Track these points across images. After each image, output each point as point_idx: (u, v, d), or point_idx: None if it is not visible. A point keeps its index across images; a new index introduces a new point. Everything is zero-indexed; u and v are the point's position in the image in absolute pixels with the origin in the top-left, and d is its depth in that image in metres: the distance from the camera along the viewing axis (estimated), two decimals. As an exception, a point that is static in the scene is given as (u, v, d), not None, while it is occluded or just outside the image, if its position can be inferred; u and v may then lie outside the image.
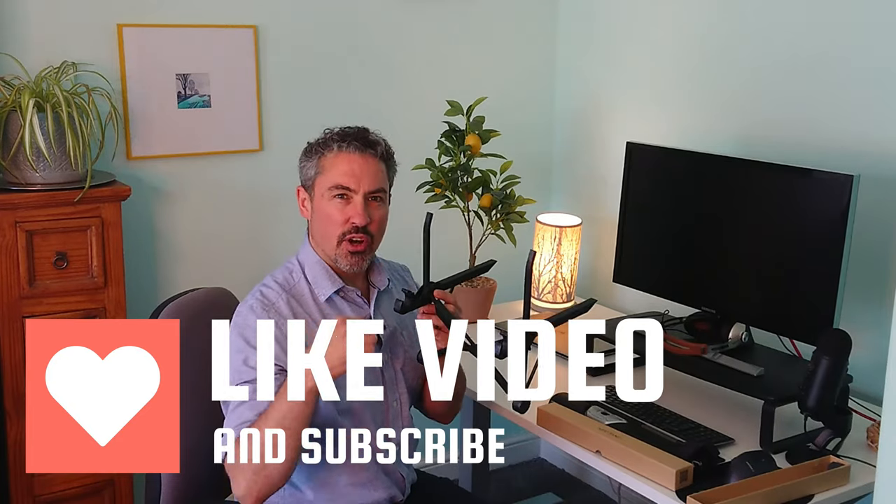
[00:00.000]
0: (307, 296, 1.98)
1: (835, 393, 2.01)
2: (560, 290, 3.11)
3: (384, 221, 2.02)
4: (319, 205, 1.98)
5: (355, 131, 2.00)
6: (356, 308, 2.04)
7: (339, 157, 1.96)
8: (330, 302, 2.00)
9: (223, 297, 2.22)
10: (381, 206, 2.00)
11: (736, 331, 2.35)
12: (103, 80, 2.55)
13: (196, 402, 2.06)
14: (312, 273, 2.00)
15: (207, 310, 2.12)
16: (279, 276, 2.00)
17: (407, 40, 3.11)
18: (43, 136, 2.31)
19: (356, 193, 1.95)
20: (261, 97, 2.88)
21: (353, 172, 1.95)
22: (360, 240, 1.97)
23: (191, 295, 2.19)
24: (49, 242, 2.37)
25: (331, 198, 1.96)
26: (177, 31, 2.71)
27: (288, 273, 2.01)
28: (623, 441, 2.04)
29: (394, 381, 2.06)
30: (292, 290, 1.97)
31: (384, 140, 2.03)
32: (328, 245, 1.99)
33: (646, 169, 2.65)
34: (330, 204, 1.96)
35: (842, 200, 2.11)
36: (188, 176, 2.80)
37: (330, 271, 2.01)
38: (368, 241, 1.98)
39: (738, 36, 2.73)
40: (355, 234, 1.96)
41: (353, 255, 1.97)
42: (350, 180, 1.95)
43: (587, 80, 3.30)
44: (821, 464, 1.96)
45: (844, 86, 2.45)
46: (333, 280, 2.00)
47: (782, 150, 2.57)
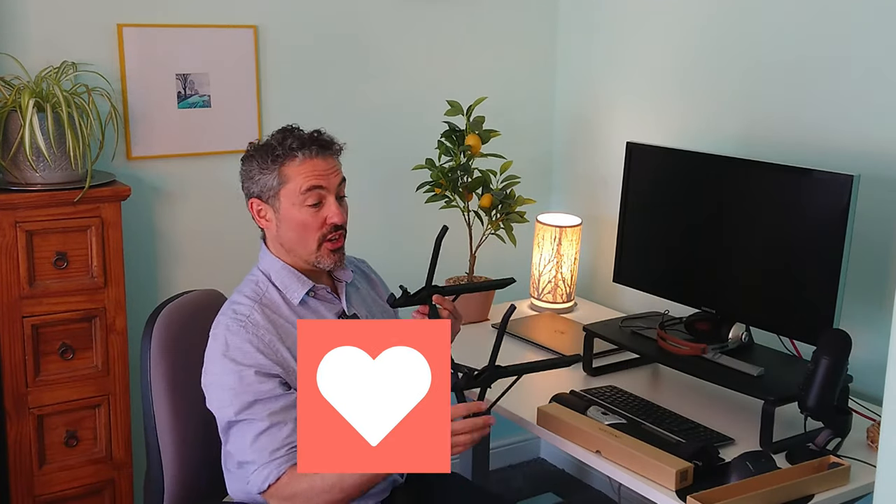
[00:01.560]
0: (279, 302, 2.00)
1: (835, 393, 2.01)
2: (560, 291, 3.12)
3: (347, 213, 2.06)
4: (289, 214, 1.98)
5: (310, 136, 2.00)
6: (329, 305, 2.07)
7: (305, 164, 1.97)
8: (303, 304, 2.02)
9: (215, 299, 2.22)
10: (344, 199, 2.06)
11: (736, 331, 2.36)
12: (103, 80, 2.55)
13: (189, 403, 2.09)
14: (280, 279, 2.02)
15: (202, 312, 2.14)
16: (246, 289, 2.01)
17: (407, 40, 3.12)
18: (43, 136, 2.31)
19: (329, 194, 1.99)
20: (261, 97, 2.88)
21: (320, 176, 1.97)
22: (337, 237, 2.01)
23: (186, 297, 2.20)
24: (49, 242, 2.38)
25: (303, 204, 1.97)
26: (177, 30, 2.72)
27: (254, 285, 2.02)
28: (623, 441, 2.05)
29: None
30: (262, 299, 1.99)
31: (332, 136, 2.05)
32: (305, 250, 2.00)
33: (646, 169, 2.65)
34: (303, 211, 1.98)
35: (842, 200, 2.11)
36: (188, 176, 2.81)
37: (298, 274, 2.03)
38: (343, 235, 2.03)
39: (738, 35, 2.74)
40: (333, 232, 2.00)
41: (334, 253, 2.02)
42: (322, 182, 1.98)
43: (587, 79, 3.31)
44: (821, 464, 1.97)
45: (845, 85, 2.46)
46: (303, 282, 2.03)
47: (783, 149, 2.58)
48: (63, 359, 2.44)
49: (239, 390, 1.87)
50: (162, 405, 2.07)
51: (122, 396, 2.51)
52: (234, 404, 1.87)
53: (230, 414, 1.88)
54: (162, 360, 2.08)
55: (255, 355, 1.89)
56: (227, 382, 1.89)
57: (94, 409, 2.50)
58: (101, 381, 2.49)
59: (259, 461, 1.86)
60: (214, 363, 1.92)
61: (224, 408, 1.90)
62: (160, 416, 2.07)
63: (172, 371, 2.09)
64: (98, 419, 2.51)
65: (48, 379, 2.43)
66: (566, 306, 3.15)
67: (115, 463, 2.54)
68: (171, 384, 2.08)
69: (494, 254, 2.93)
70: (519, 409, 2.31)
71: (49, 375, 2.43)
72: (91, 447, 2.52)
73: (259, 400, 1.87)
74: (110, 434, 2.52)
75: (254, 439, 1.86)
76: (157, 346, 2.07)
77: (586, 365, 2.55)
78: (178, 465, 2.09)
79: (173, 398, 2.08)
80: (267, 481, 1.85)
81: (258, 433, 1.86)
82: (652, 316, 2.58)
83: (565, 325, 2.95)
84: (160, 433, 2.07)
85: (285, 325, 1.97)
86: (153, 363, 2.07)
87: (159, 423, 2.07)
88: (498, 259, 2.73)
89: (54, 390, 2.44)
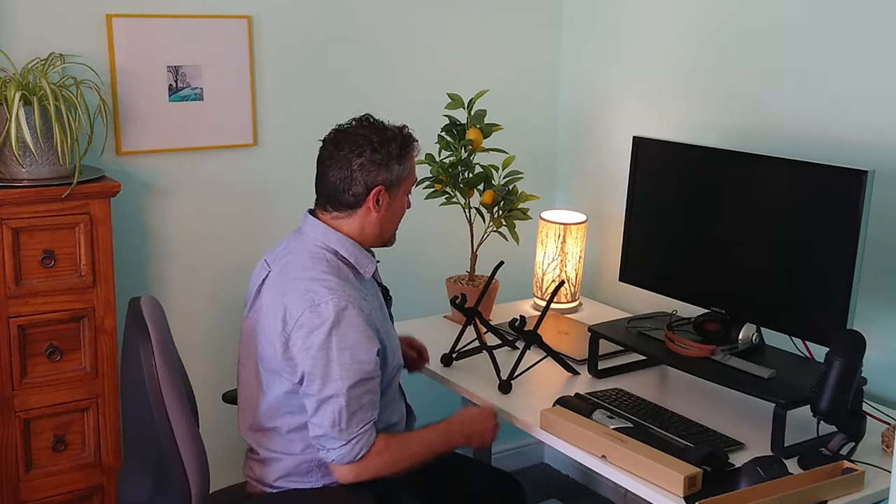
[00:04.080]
0: (352, 277, 2.12)
1: (848, 396, 2.00)
2: (564, 290, 3.11)
3: None
4: (401, 202, 2.19)
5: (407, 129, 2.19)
6: (374, 285, 2.24)
7: (414, 156, 2.18)
8: (370, 278, 2.19)
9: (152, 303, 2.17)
10: None
11: (746, 332, 2.35)
12: (92, 73, 2.55)
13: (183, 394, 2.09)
14: (352, 255, 2.14)
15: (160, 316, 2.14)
16: (320, 266, 2.09)
17: (406, 31, 3.11)
18: (30, 130, 2.31)
19: None
20: (255, 90, 2.88)
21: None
22: None
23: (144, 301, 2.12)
24: (36, 240, 2.38)
25: (406, 193, 2.19)
26: (168, 21, 2.71)
27: (325, 262, 2.10)
28: (629, 445, 2.04)
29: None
30: (340, 274, 2.10)
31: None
32: (389, 234, 2.21)
33: (653, 164, 2.65)
34: (405, 199, 2.20)
35: (855, 196, 2.11)
36: (180, 171, 2.81)
37: (366, 251, 2.19)
38: None
39: (747, 26, 2.73)
40: None
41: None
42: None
43: (592, 71, 3.30)
44: (834, 469, 1.96)
45: (858, 77, 2.45)
46: (371, 258, 2.20)
47: (794, 144, 2.57)
48: (50, 360, 2.44)
49: (350, 366, 2.00)
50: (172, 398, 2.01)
51: (112, 399, 2.51)
52: (344, 379, 2.00)
53: (332, 389, 2.00)
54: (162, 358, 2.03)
55: (367, 329, 2.03)
56: (335, 357, 2.00)
57: (82, 413, 2.50)
58: (89, 383, 2.49)
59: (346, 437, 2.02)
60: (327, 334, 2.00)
61: (327, 381, 2.00)
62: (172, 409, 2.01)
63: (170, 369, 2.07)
64: (86, 423, 2.51)
65: (35, 381, 2.43)
66: (571, 306, 3.14)
67: (104, 468, 2.54)
68: (174, 383, 2.05)
69: (496, 252, 2.92)
70: (522, 412, 2.31)
71: (36, 378, 2.43)
72: (79, 452, 2.52)
73: (363, 379, 2.02)
74: (99, 438, 2.52)
75: (350, 415, 2.01)
76: (157, 343, 2.02)
77: (591, 367, 2.55)
78: (196, 456, 2.05)
79: (175, 389, 2.03)
80: (358, 453, 2.03)
81: (355, 410, 2.02)
82: (659, 316, 2.58)
83: (570, 326, 2.94)
84: (177, 434, 2.01)
85: (365, 300, 2.10)
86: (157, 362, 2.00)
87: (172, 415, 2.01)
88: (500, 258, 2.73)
89: (41, 393, 2.44)
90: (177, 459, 2.04)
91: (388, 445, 2.07)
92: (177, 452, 2.03)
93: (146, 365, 2.00)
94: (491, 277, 2.69)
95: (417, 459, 2.12)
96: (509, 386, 2.42)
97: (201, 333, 2.91)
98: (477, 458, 2.89)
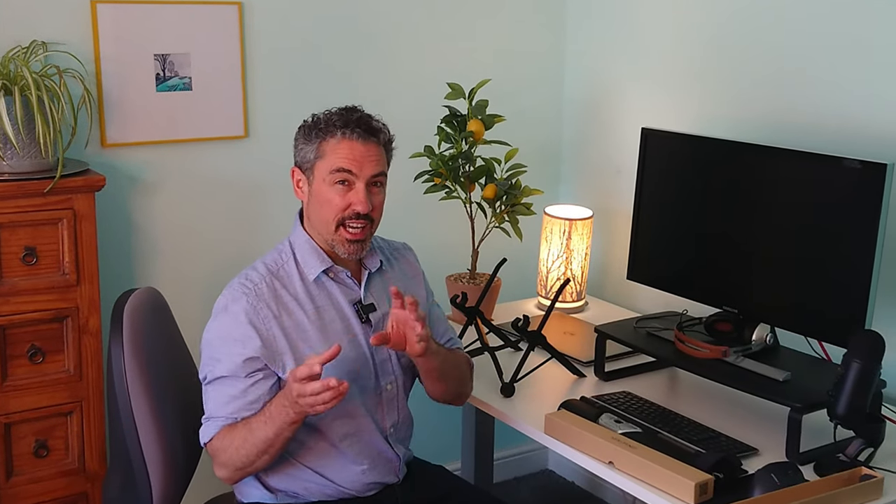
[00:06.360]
0: (294, 276, 2.11)
1: (867, 399, 2.00)
2: (569, 288, 3.11)
3: (383, 206, 2.14)
4: (319, 189, 2.08)
5: (358, 117, 2.10)
6: (345, 289, 2.15)
7: (342, 143, 2.06)
8: (318, 283, 2.12)
9: (154, 296, 2.30)
10: (381, 191, 2.12)
11: (760, 332, 2.35)
12: (76, 62, 2.54)
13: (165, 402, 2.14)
14: (301, 253, 2.13)
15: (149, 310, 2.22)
16: (269, 258, 2.14)
17: (404, 18, 3.11)
18: (10, 121, 2.31)
19: (358, 180, 2.06)
20: (246, 80, 2.87)
21: (355, 159, 2.06)
22: (360, 226, 2.08)
23: (135, 295, 2.19)
24: (17, 236, 2.37)
25: (332, 183, 2.06)
26: (155, 7, 2.71)
27: (277, 255, 2.14)
28: (638, 451, 2.04)
29: (387, 364, 2.16)
30: (279, 271, 2.10)
31: (385, 125, 2.14)
32: (325, 229, 2.10)
33: (662, 157, 2.64)
34: (331, 189, 2.07)
35: (875, 191, 2.10)
36: (167, 164, 2.80)
37: (320, 251, 2.13)
38: (369, 226, 2.10)
39: (762, 15, 2.73)
40: (355, 220, 2.07)
41: (351, 244, 2.09)
42: (353, 166, 2.06)
43: (599, 60, 3.30)
44: (851, 476, 1.96)
45: (877, 67, 2.45)
46: (322, 259, 2.12)
47: (810, 136, 2.56)
48: (32, 362, 2.43)
49: (219, 357, 2.03)
50: (140, 404, 2.09)
51: (97, 403, 2.51)
52: (209, 369, 2.05)
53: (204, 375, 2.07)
54: (134, 357, 2.09)
55: (245, 327, 2.02)
56: (213, 343, 2.05)
57: (65, 417, 2.50)
58: (73, 386, 2.48)
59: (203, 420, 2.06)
60: (213, 319, 2.08)
61: (203, 367, 2.07)
62: (140, 417, 2.09)
63: (146, 367, 2.12)
64: (70, 427, 2.51)
65: (16, 384, 2.42)
66: (576, 305, 3.14)
67: (88, 475, 2.54)
68: (146, 381, 2.11)
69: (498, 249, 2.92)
70: (525, 416, 2.31)
71: (17, 380, 2.42)
72: (63, 458, 2.51)
73: (227, 377, 2.02)
74: (83, 444, 2.52)
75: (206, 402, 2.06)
76: (129, 341, 2.09)
77: (598, 369, 2.54)
78: (163, 461, 2.12)
79: (146, 391, 2.11)
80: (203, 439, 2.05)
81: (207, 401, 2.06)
82: (669, 316, 2.58)
83: (575, 326, 2.94)
84: (142, 434, 2.08)
85: (290, 303, 2.07)
86: (126, 360, 2.08)
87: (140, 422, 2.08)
88: (502, 254, 2.73)
89: (23, 396, 2.43)
90: (139, 461, 2.08)
91: (226, 435, 2.01)
92: (140, 455, 2.08)
93: (115, 361, 2.08)
94: (493, 275, 2.69)
95: (251, 441, 1.97)
96: (512, 389, 2.42)
97: (190, 333, 2.90)
98: (478, 486, 2.89)
